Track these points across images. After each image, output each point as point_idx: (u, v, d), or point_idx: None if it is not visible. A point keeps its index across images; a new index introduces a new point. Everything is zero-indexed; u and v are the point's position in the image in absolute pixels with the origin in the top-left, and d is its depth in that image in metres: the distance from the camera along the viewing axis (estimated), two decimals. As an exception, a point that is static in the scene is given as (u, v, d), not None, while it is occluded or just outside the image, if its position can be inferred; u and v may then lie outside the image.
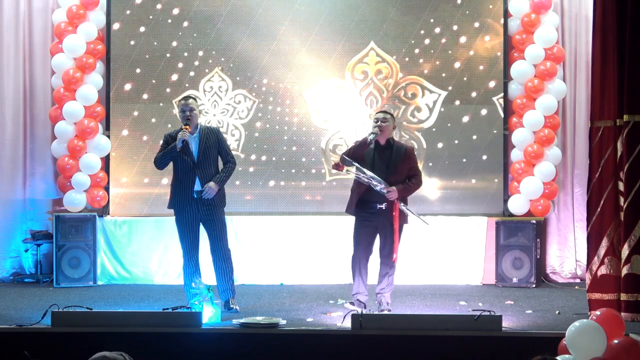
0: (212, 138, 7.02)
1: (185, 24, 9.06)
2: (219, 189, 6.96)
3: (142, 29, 9.04)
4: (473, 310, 6.30)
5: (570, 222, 9.14)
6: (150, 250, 8.89)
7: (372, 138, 6.80)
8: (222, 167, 7.08)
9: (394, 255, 6.82)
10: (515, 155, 9.01)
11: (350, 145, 7.08)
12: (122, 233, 8.93)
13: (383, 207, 6.83)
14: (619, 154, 6.61)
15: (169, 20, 9.07)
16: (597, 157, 6.73)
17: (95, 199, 8.89)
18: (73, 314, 6.12)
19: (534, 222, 8.73)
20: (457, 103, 9.10)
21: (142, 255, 8.89)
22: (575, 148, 9.15)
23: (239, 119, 9.10)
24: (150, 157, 8.96)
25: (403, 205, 6.83)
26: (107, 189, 9.00)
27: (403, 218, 6.90)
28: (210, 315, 6.31)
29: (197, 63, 9.07)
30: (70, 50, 8.80)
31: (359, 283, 6.90)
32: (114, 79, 9.05)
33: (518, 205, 8.94)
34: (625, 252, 6.53)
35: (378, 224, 6.90)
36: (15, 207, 9.01)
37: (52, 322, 6.01)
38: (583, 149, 8.77)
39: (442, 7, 9.06)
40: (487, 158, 9.07)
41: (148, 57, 9.05)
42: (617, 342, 4.90)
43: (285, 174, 9.10)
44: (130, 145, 9.07)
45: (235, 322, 6.18)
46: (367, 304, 6.87)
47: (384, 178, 6.78)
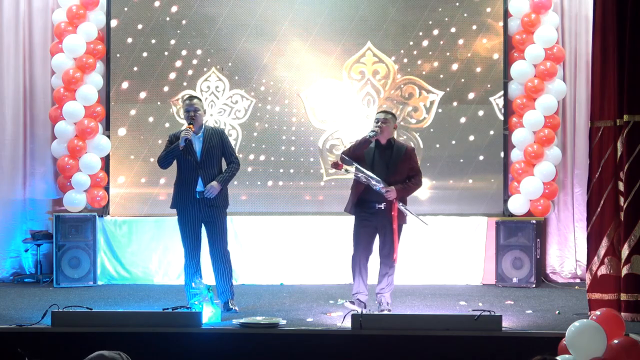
0: (216, 138, 7.01)
1: (184, 23, 9.05)
2: (222, 190, 6.95)
3: (139, 27, 9.04)
4: (473, 310, 6.30)
5: (570, 222, 9.14)
6: (150, 250, 8.90)
7: (371, 135, 6.78)
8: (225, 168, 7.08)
9: (394, 255, 6.82)
10: (515, 155, 9.01)
11: (350, 145, 7.06)
12: (122, 233, 8.93)
13: (382, 207, 6.82)
14: (619, 154, 6.60)
15: (168, 19, 9.06)
16: (597, 157, 6.73)
17: (95, 199, 8.89)
18: (73, 314, 6.12)
19: (534, 222, 8.73)
20: (454, 104, 9.09)
21: (142, 255, 8.89)
22: (575, 148, 9.15)
23: (236, 119, 9.10)
24: (150, 157, 9.01)
25: (402, 205, 6.83)
26: (107, 189, 9.00)
27: (402, 218, 6.89)
28: (210, 315, 6.31)
29: (195, 62, 9.06)
30: (70, 50, 8.80)
31: (359, 283, 6.90)
32: (114, 79, 9.06)
33: (518, 205, 8.94)
34: (625, 252, 6.52)
35: (377, 224, 6.90)
36: (15, 207, 9.02)
37: (52, 322, 6.01)
38: (583, 149, 8.77)
39: (442, 7, 9.06)
40: (487, 158, 9.07)
41: (147, 55, 9.03)
42: (617, 342, 4.90)
43: (284, 174, 9.10)
44: (130, 145, 9.07)
45: (235, 322, 6.18)
46: (367, 304, 6.86)
47: (384, 178, 6.77)
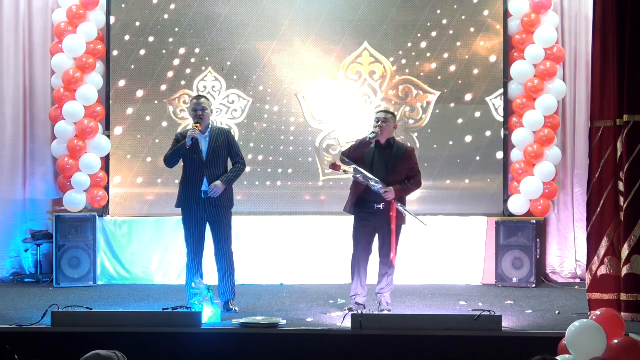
0: (222, 138, 7.00)
1: (183, 22, 9.04)
2: (227, 189, 6.95)
3: (137, 24, 9.03)
4: (473, 310, 6.30)
5: (570, 222, 9.14)
6: (150, 250, 8.89)
7: (371, 137, 6.78)
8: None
9: (392, 255, 6.82)
10: (515, 155, 9.01)
11: (350, 145, 7.04)
12: (122, 233, 8.93)
13: (381, 207, 6.81)
14: (619, 154, 6.60)
15: (166, 16, 9.04)
16: (597, 157, 6.73)
17: (95, 199, 8.89)
18: (73, 314, 6.12)
19: (534, 222, 8.72)
20: (452, 104, 9.08)
21: (142, 255, 8.89)
22: (575, 148, 9.15)
23: (233, 119, 9.09)
24: (150, 156, 9.02)
25: (401, 206, 6.82)
26: (107, 189, 9.00)
27: (401, 218, 6.88)
28: (210, 315, 6.31)
29: (193, 60, 9.03)
30: (70, 50, 8.80)
31: (357, 284, 6.89)
32: (114, 78, 9.05)
33: (518, 205, 8.93)
34: (625, 252, 6.52)
35: (376, 224, 6.89)
36: (15, 207, 9.01)
37: (52, 322, 6.01)
38: (583, 149, 8.77)
39: (441, 8, 9.05)
40: (487, 158, 9.06)
41: (144, 54, 9.01)
42: (617, 342, 4.90)
43: (283, 174, 9.09)
44: (130, 145, 9.07)
45: (235, 322, 6.18)
46: (366, 304, 6.85)
47: (383, 178, 6.77)
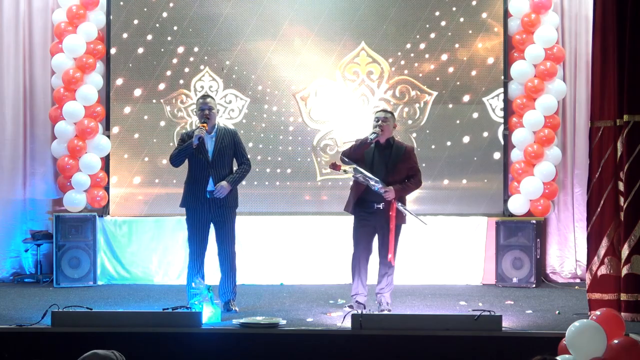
0: (228, 139, 7.00)
1: (181, 20, 9.03)
2: (232, 190, 6.95)
3: (135, 22, 9.01)
4: (473, 310, 6.30)
5: (570, 222, 9.14)
6: (150, 250, 8.89)
7: (372, 138, 6.78)
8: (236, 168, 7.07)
9: (389, 255, 6.82)
10: (515, 155, 9.01)
11: (350, 145, 7.03)
12: (122, 233, 8.92)
13: (381, 206, 6.82)
14: (619, 154, 6.60)
15: (165, 14, 9.02)
16: (597, 157, 6.73)
17: (95, 199, 8.89)
18: (73, 314, 6.11)
19: (534, 222, 8.72)
20: (450, 105, 9.08)
21: (142, 255, 8.89)
22: (575, 148, 9.14)
23: (230, 119, 9.08)
24: (150, 156, 9.02)
25: (401, 205, 6.83)
26: (107, 189, 9.00)
27: (401, 218, 6.89)
28: (210, 315, 6.31)
29: (192, 59, 9.02)
30: (70, 50, 8.80)
31: (358, 283, 6.90)
32: (114, 78, 9.04)
33: (518, 205, 8.93)
34: (625, 252, 6.52)
35: (376, 224, 6.89)
36: (15, 207, 9.01)
37: (52, 322, 6.00)
38: (583, 149, 8.77)
39: (440, 9, 9.04)
40: (486, 158, 9.05)
41: (142, 52, 9.00)
42: (617, 342, 4.90)
43: (282, 174, 9.08)
44: (131, 145, 9.07)
45: (235, 322, 6.18)
46: (366, 304, 6.86)
47: (383, 177, 6.77)
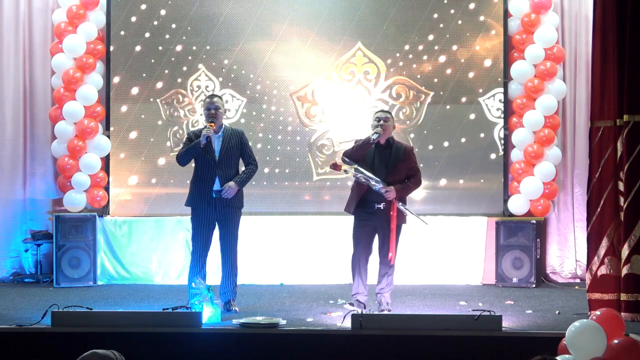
0: (235, 139, 7.00)
1: (180, 19, 9.04)
2: (238, 190, 6.95)
3: (133, 19, 9.01)
4: (473, 310, 6.29)
5: (570, 222, 9.14)
6: (150, 250, 8.89)
7: (375, 138, 6.79)
8: (243, 169, 7.07)
9: (390, 255, 6.82)
10: (515, 155, 9.01)
11: (352, 145, 7.01)
12: (122, 233, 8.92)
13: (382, 206, 6.82)
14: (619, 154, 6.60)
15: (163, 12, 9.02)
16: (597, 157, 6.73)
17: (95, 199, 8.89)
18: (73, 314, 6.11)
19: (534, 222, 8.72)
20: (447, 106, 9.07)
21: (142, 255, 8.89)
22: (575, 148, 9.15)
23: (227, 119, 9.03)
24: (151, 156, 9.02)
25: (402, 205, 6.83)
26: (107, 189, 9.00)
27: (401, 218, 6.89)
28: (210, 315, 6.31)
29: (190, 58, 9.03)
30: (70, 50, 8.80)
31: (359, 283, 6.90)
32: (114, 78, 9.02)
33: (518, 205, 8.93)
34: (625, 252, 6.52)
35: (377, 224, 6.90)
36: (15, 207, 9.01)
37: (52, 322, 6.00)
38: (583, 149, 8.77)
39: (440, 9, 9.04)
40: (486, 159, 9.06)
41: (140, 50, 9.00)
42: (617, 342, 4.89)
43: (280, 174, 9.08)
44: (130, 145, 9.06)
45: (235, 322, 6.18)
46: (366, 304, 6.86)
47: (384, 178, 6.77)
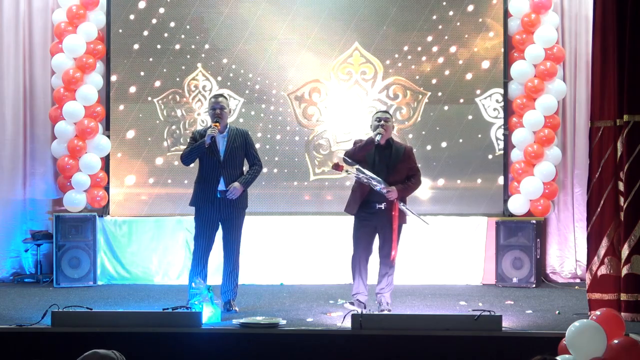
0: (240, 139, 6.99)
1: (179, 18, 9.03)
2: (243, 191, 6.95)
3: (131, 17, 9.01)
4: (473, 310, 6.30)
5: (570, 222, 9.14)
6: (150, 250, 8.89)
7: (379, 139, 6.79)
8: (247, 169, 7.06)
9: (393, 253, 6.82)
10: (515, 155, 9.01)
11: (352, 146, 6.99)
12: (122, 233, 8.92)
13: (383, 207, 6.82)
14: (619, 154, 6.60)
15: (162, 10, 9.02)
16: (597, 157, 6.73)
17: (95, 199, 8.89)
18: (73, 314, 6.11)
19: (534, 222, 8.72)
20: (445, 105, 9.07)
21: (142, 255, 8.89)
22: (575, 148, 9.15)
23: (224, 119, 9.07)
24: (150, 156, 9.02)
25: (403, 205, 6.84)
26: (107, 189, 9.00)
27: (402, 218, 6.89)
28: (210, 315, 6.31)
29: (188, 56, 9.03)
30: (70, 50, 8.80)
31: (359, 283, 6.90)
32: (112, 76, 9.02)
33: (518, 205, 8.93)
34: (625, 252, 6.52)
35: (377, 224, 6.90)
36: (15, 207, 9.01)
37: (52, 322, 6.00)
38: (583, 149, 8.77)
39: (440, 8, 9.04)
40: (486, 159, 9.06)
41: (138, 48, 9.00)
42: (617, 342, 4.89)
43: (279, 174, 9.08)
44: (131, 145, 9.06)
45: (235, 322, 6.18)
46: (367, 304, 6.87)
47: (384, 178, 6.77)
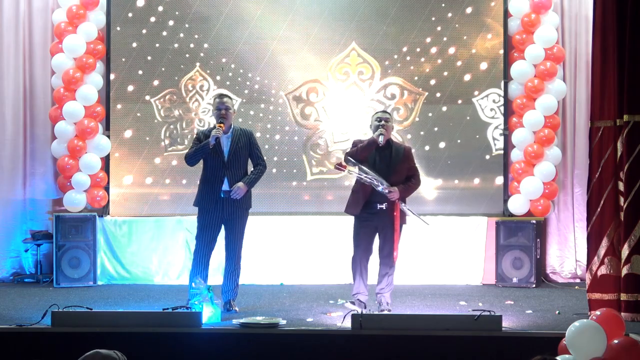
0: (244, 139, 6.98)
1: (184, 20, 9.05)
2: (247, 191, 6.95)
3: (130, 15, 9.01)
4: (473, 310, 6.30)
5: (570, 222, 9.14)
6: (150, 250, 8.89)
7: (382, 140, 6.79)
8: (251, 169, 7.06)
9: (395, 253, 6.82)
10: (515, 155, 9.01)
11: (357, 145, 6.94)
12: (122, 233, 8.92)
13: (383, 207, 6.82)
14: (619, 154, 6.60)
15: (160, 8, 9.02)
16: (597, 157, 6.73)
17: (95, 199, 8.89)
18: (73, 314, 6.11)
19: (534, 222, 8.73)
20: (443, 105, 9.06)
21: (142, 255, 8.89)
22: (575, 148, 9.15)
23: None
24: (150, 156, 9.02)
25: (404, 205, 6.84)
26: (107, 189, 9.00)
27: (402, 218, 6.89)
28: (210, 315, 6.31)
29: (187, 56, 9.03)
30: (70, 50, 8.80)
31: (359, 283, 6.90)
32: (114, 78, 9.03)
33: (518, 205, 8.93)
34: (625, 252, 6.52)
35: (378, 224, 6.90)
36: (15, 207, 9.01)
37: (52, 322, 6.00)
38: (583, 149, 8.77)
39: (439, 8, 9.04)
40: (485, 159, 9.06)
41: (136, 46, 9.00)
42: (617, 342, 4.89)
43: (278, 174, 9.07)
44: (130, 145, 9.06)
45: (235, 322, 6.18)
46: (367, 304, 6.87)
47: (385, 178, 6.78)
